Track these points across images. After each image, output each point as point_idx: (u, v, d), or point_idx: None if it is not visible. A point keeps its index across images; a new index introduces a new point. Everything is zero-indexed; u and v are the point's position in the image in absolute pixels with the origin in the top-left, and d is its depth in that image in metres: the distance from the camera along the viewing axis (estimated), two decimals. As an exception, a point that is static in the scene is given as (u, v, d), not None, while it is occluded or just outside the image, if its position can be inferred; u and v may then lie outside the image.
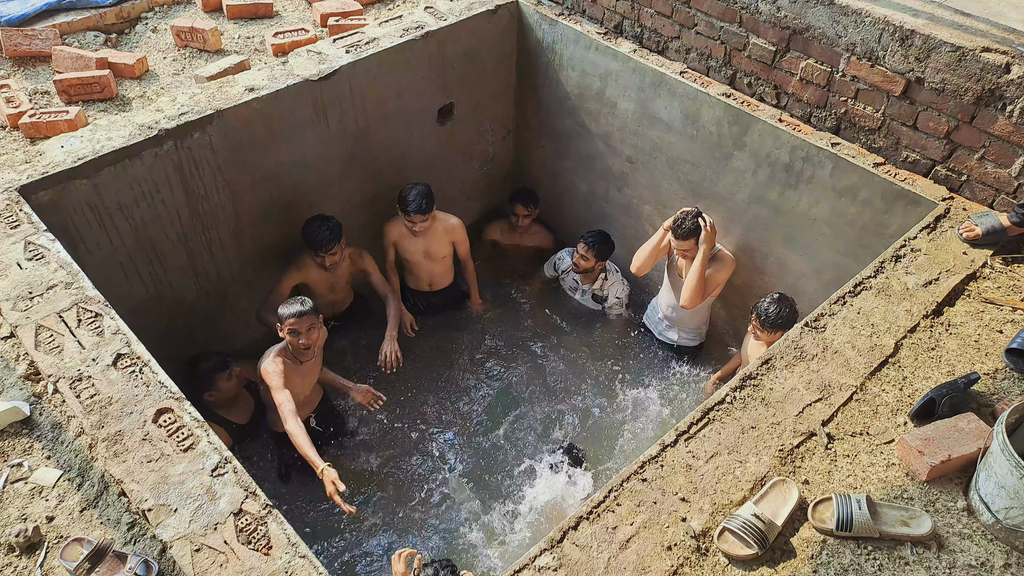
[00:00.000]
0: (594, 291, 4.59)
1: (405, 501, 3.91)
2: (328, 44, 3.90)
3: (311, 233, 3.72)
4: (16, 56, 4.23)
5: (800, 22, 3.32)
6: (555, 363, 4.58)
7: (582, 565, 2.02)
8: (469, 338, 4.73)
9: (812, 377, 2.50)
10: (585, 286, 4.62)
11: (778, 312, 3.45)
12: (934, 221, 3.06)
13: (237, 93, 3.51)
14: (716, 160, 3.86)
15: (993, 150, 3.00)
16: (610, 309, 4.68)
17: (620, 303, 4.66)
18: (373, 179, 4.29)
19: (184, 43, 4.46)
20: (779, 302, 3.50)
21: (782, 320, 3.45)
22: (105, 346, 2.44)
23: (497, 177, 5.14)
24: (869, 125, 3.32)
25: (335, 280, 4.09)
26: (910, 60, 3.05)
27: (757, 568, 2.03)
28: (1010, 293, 2.78)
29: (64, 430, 2.27)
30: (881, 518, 2.10)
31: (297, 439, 3.01)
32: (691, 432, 2.35)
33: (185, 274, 3.76)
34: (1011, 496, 1.99)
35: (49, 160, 3.11)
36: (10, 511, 2.10)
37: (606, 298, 4.62)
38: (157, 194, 3.40)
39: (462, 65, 4.30)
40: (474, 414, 4.34)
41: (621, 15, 4.09)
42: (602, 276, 4.57)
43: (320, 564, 1.97)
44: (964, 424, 2.26)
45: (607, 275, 4.58)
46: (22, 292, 2.59)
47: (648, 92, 3.98)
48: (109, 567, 1.95)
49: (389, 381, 4.17)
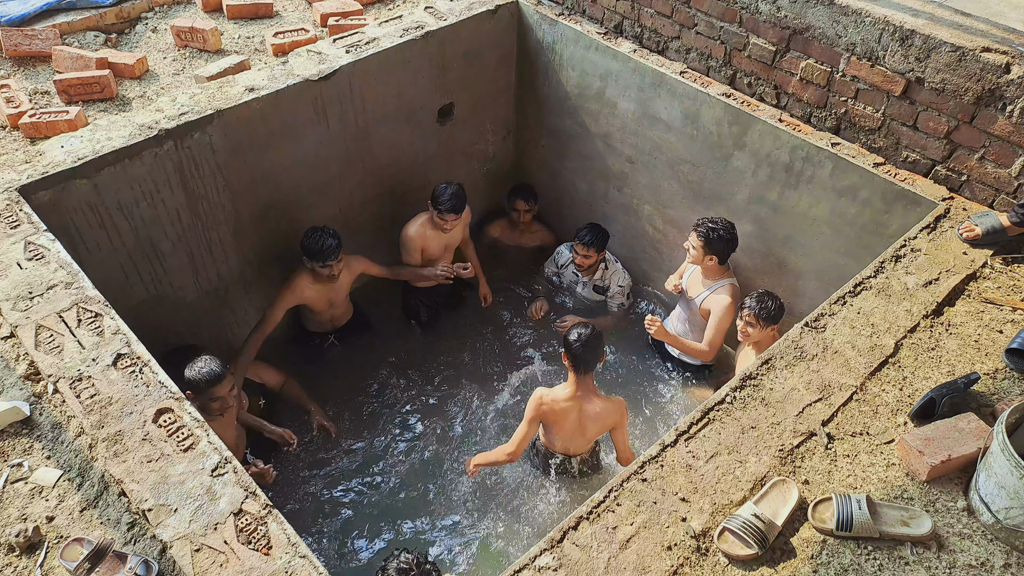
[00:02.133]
0: (595, 282, 4.57)
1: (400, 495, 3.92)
2: (328, 44, 3.90)
3: (315, 243, 3.67)
4: (16, 56, 4.23)
5: (800, 22, 3.32)
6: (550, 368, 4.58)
7: (582, 565, 2.02)
8: (470, 342, 4.74)
9: (812, 377, 2.50)
10: (585, 278, 4.60)
11: (771, 303, 3.49)
12: (934, 221, 3.06)
13: (237, 93, 3.51)
14: (716, 160, 3.86)
15: (993, 150, 3.00)
16: (612, 299, 4.63)
17: (623, 292, 4.61)
18: (373, 179, 4.29)
19: (184, 43, 4.46)
20: (766, 295, 3.53)
21: (775, 310, 3.48)
22: (105, 346, 2.44)
23: (497, 177, 5.14)
24: (869, 125, 3.32)
25: (334, 294, 4.07)
26: (910, 60, 3.05)
27: (757, 568, 2.03)
28: (1010, 293, 2.78)
29: (64, 430, 2.27)
30: (881, 518, 2.10)
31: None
32: (691, 432, 2.35)
33: (185, 274, 3.76)
34: (1011, 496, 1.99)
35: (49, 160, 3.11)
36: (10, 511, 2.10)
37: (607, 288, 4.59)
38: (157, 194, 3.40)
39: (462, 65, 4.30)
40: (468, 416, 4.35)
41: (621, 15, 4.09)
42: (602, 267, 4.54)
43: (320, 564, 1.97)
44: (964, 424, 2.26)
45: (607, 265, 4.56)
46: (22, 292, 2.59)
47: (648, 92, 3.98)
48: (109, 567, 1.95)
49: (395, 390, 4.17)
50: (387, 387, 4.44)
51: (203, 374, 3.05)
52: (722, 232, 3.66)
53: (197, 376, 3.04)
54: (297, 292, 3.88)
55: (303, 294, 3.91)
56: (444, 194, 4.01)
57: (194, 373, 3.05)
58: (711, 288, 3.86)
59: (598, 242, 4.32)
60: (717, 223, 3.68)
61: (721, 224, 3.67)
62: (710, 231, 3.67)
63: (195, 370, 3.05)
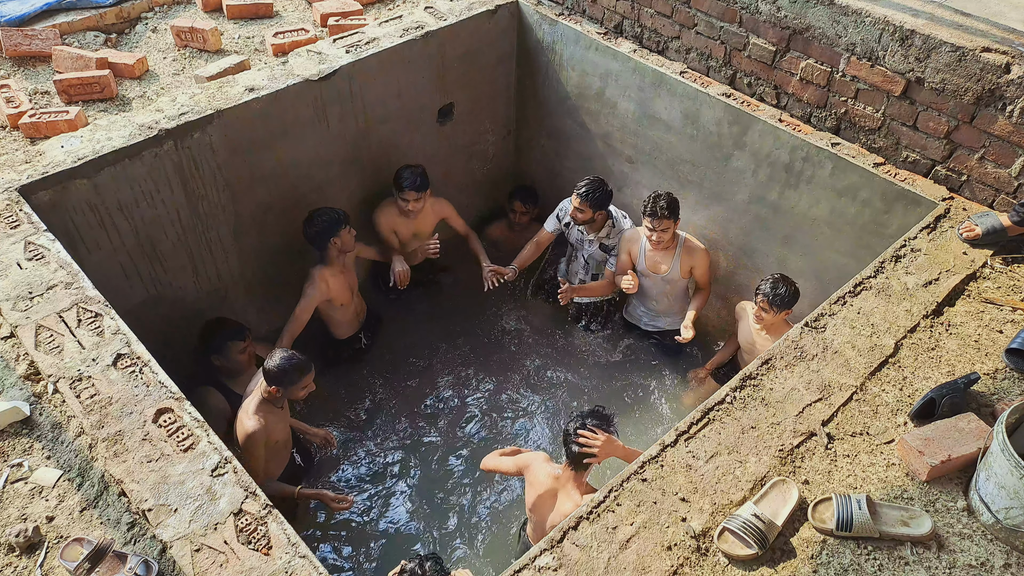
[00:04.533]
0: (601, 240, 4.29)
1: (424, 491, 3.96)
2: (328, 44, 3.90)
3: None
4: (16, 56, 4.23)
5: (800, 22, 3.32)
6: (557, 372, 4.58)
7: (582, 565, 2.02)
8: (471, 340, 4.75)
9: (812, 377, 2.50)
10: (591, 236, 4.29)
11: (785, 290, 3.43)
12: (934, 221, 3.06)
13: (237, 93, 3.51)
14: (716, 160, 3.86)
15: (993, 150, 3.00)
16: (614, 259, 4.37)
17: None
18: (373, 179, 4.29)
19: (184, 43, 4.45)
20: (781, 280, 3.48)
21: (789, 296, 3.43)
22: (105, 346, 2.44)
23: (497, 177, 5.14)
24: (869, 125, 3.32)
25: (351, 279, 4.07)
26: (910, 60, 3.05)
27: (757, 568, 2.03)
28: (1010, 293, 2.78)
29: (64, 430, 2.27)
30: (881, 518, 2.10)
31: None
32: (691, 432, 2.35)
33: (185, 274, 3.76)
34: (1011, 496, 1.99)
35: (49, 160, 3.11)
36: (10, 511, 2.10)
37: (613, 247, 4.28)
38: (157, 194, 3.40)
39: (462, 65, 4.30)
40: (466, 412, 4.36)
41: (621, 15, 4.09)
42: (608, 223, 4.25)
43: (320, 564, 1.97)
44: (964, 424, 2.26)
45: (614, 223, 4.27)
46: (22, 292, 2.59)
47: (648, 92, 3.98)
48: (109, 567, 1.95)
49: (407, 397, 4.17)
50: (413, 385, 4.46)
51: (295, 364, 3.08)
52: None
53: (292, 366, 3.07)
54: (321, 286, 3.86)
55: (327, 287, 3.89)
56: (403, 174, 4.02)
57: (284, 363, 3.06)
58: (677, 253, 3.91)
59: (593, 198, 3.99)
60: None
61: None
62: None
63: (285, 361, 3.07)
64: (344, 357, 4.40)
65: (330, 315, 4.10)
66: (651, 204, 3.70)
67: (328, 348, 4.32)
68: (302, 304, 3.82)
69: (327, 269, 3.87)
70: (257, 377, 3.28)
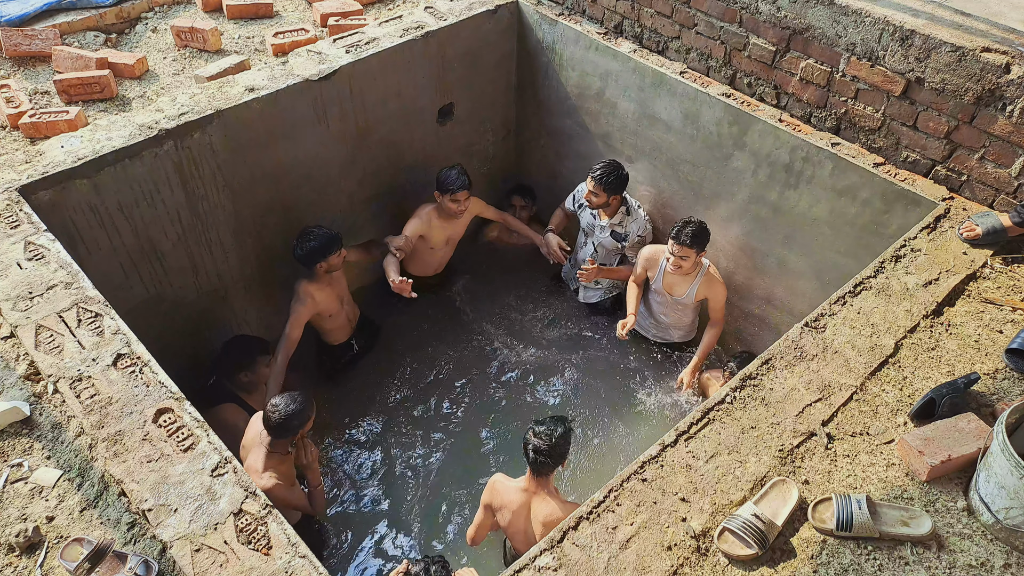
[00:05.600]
0: (613, 226, 4.22)
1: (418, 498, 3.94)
2: (328, 44, 3.90)
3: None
4: (16, 56, 4.23)
5: (800, 22, 3.32)
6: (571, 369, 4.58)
7: (582, 565, 2.02)
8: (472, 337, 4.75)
9: (812, 377, 2.50)
10: (603, 221, 4.22)
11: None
12: (934, 221, 3.06)
13: (237, 93, 3.51)
14: (716, 160, 3.86)
15: (993, 150, 3.00)
16: (630, 248, 4.31)
17: (642, 242, 4.28)
18: (373, 179, 4.29)
19: (184, 43, 4.45)
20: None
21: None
22: (105, 346, 2.44)
23: (497, 177, 5.14)
24: (869, 125, 3.32)
25: (341, 290, 4.03)
26: (910, 60, 3.05)
27: (757, 568, 2.03)
28: (1010, 293, 2.78)
29: (64, 430, 2.27)
30: (881, 518, 2.10)
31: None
32: (691, 432, 2.35)
33: (185, 274, 3.76)
34: (1011, 496, 1.99)
35: (49, 160, 3.11)
36: (10, 511, 2.10)
37: (626, 236, 4.23)
38: (157, 194, 3.40)
39: (462, 65, 4.30)
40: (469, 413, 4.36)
41: (621, 15, 4.09)
42: (622, 210, 4.18)
43: (320, 564, 1.97)
44: (964, 424, 2.26)
45: (628, 210, 4.21)
46: (22, 292, 2.59)
47: (648, 92, 3.98)
48: (109, 567, 1.95)
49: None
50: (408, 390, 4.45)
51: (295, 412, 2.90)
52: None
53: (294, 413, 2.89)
54: (308, 302, 3.80)
55: (314, 301, 3.83)
56: (450, 175, 4.04)
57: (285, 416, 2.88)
58: (696, 280, 3.88)
59: (607, 181, 3.92)
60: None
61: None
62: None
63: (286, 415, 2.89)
64: (339, 363, 4.38)
65: (321, 325, 4.08)
66: (678, 229, 3.62)
67: (322, 354, 4.31)
68: (291, 321, 3.77)
69: (312, 284, 3.81)
70: (255, 424, 3.12)
